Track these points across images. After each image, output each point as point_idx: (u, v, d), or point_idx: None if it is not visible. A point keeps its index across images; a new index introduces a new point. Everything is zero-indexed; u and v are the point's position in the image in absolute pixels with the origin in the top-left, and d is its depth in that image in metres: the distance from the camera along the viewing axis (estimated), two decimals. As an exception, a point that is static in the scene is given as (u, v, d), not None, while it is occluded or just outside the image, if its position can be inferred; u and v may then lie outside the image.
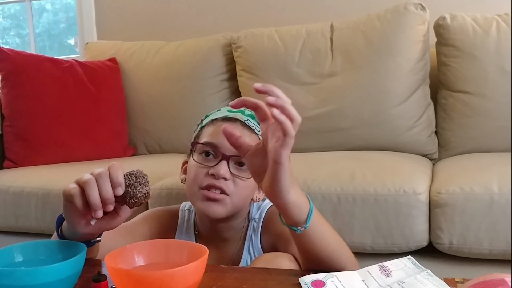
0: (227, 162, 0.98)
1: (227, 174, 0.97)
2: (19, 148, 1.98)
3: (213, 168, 0.98)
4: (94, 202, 0.72)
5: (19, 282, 0.67)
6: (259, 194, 1.06)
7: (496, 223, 1.27)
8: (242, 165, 0.99)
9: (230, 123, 1.01)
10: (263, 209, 1.09)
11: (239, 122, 1.02)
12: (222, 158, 0.98)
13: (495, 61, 1.73)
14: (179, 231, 1.11)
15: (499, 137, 1.71)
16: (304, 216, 0.76)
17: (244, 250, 1.05)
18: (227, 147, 0.97)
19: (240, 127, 1.01)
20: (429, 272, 0.74)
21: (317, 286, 0.73)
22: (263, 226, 1.06)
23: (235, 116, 1.03)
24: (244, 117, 1.03)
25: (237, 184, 0.99)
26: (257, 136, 1.02)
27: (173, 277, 0.66)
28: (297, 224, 0.76)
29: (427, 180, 1.41)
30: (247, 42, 2.02)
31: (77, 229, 0.78)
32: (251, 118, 1.04)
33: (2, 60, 2.00)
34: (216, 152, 0.99)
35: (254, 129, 1.02)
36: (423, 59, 1.84)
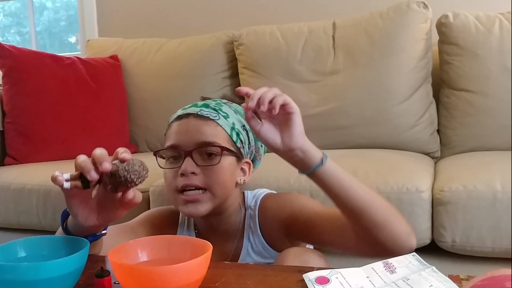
0: (191, 157, 0.97)
1: (194, 168, 0.97)
2: (20, 145, 1.98)
3: (180, 168, 0.97)
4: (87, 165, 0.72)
5: (22, 277, 0.67)
6: (244, 175, 1.05)
7: (499, 221, 1.26)
8: (210, 154, 0.98)
9: (183, 120, 1.01)
10: (258, 196, 1.08)
11: (191, 115, 1.02)
12: (185, 155, 0.97)
13: (498, 60, 1.72)
14: (180, 229, 1.11)
15: (501, 136, 1.71)
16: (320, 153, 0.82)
17: (244, 238, 1.05)
18: (186, 143, 0.98)
19: (193, 121, 1.01)
20: (434, 269, 0.74)
21: (321, 282, 0.73)
22: (260, 213, 1.05)
23: (187, 112, 1.03)
24: (196, 109, 1.03)
25: (210, 175, 0.98)
26: (213, 121, 1.01)
27: (176, 273, 0.66)
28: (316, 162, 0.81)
29: (429, 178, 1.41)
30: (249, 39, 2.01)
31: (81, 221, 0.78)
32: (204, 107, 1.03)
33: (3, 57, 2.00)
34: (178, 152, 0.99)
35: (208, 117, 1.01)
36: (426, 57, 1.83)
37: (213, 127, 1.00)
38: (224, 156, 0.98)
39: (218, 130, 1.00)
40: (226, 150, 0.99)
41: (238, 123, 1.04)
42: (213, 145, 0.98)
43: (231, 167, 1.01)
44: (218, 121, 1.01)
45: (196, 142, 0.98)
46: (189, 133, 0.99)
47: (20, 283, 0.67)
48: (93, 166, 0.72)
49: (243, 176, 1.05)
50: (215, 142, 0.98)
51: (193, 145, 0.98)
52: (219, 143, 0.98)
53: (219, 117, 1.01)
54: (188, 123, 1.01)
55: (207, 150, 0.98)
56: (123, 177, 0.73)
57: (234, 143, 1.02)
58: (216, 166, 0.97)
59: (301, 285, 0.74)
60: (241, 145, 1.03)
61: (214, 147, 0.98)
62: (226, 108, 1.05)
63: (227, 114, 1.03)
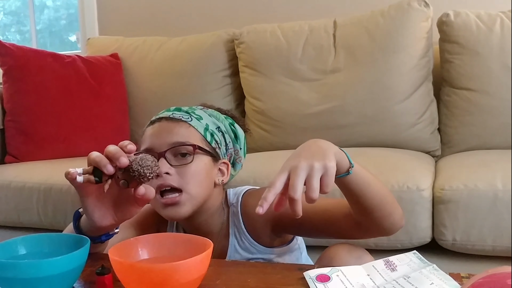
0: (164, 157, 0.97)
1: (167, 168, 0.96)
2: (20, 143, 1.98)
3: None
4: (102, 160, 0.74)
5: (22, 275, 0.67)
6: (222, 176, 1.05)
7: (500, 220, 1.26)
8: (184, 155, 0.98)
9: (156, 124, 1.02)
10: (239, 193, 1.07)
11: (163, 119, 1.02)
12: (159, 157, 0.97)
13: (499, 58, 1.72)
14: (169, 228, 1.10)
15: (502, 135, 1.71)
16: (347, 161, 0.81)
17: (230, 236, 1.04)
18: (159, 144, 0.98)
19: (165, 123, 1.01)
20: (434, 266, 0.74)
21: (322, 280, 0.73)
22: (243, 209, 1.04)
23: (159, 116, 1.04)
24: (169, 113, 1.03)
25: (184, 174, 0.97)
26: (185, 123, 1.01)
27: (177, 270, 0.66)
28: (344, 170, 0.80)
29: (430, 177, 1.41)
30: (249, 38, 2.01)
31: (97, 221, 0.79)
32: (176, 111, 1.04)
33: (4, 55, 2.00)
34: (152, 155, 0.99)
35: (180, 119, 1.01)
36: (426, 56, 1.83)
37: (184, 128, 1.00)
38: (198, 155, 0.98)
39: (190, 131, 1.00)
40: (198, 149, 0.99)
41: (212, 125, 1.04)
42: (186, 144, 0.98)
43: (206, 167, 1.00)
44: (191, 122, 1.01)
45: (169, 143, 0.98)
46: (162, 135, 0.99)
47: (20, 281, 0.67)
48: (108, 160, 0.74)
49: (221, 176, 1.05)
50: (187, 142, 0.98)
51: (166, 146, 0.98)
52: (191, 142, 0.99)
53: (191, 118, 1.02)
54: (160, 126, 1.01)
55: (180, 150, 0.98)
56: (137, 172, 0.74)
57: (209, 143, 1.02)
58: (190, 165, 0.97)
59: (302, 283, 0.74)
60: (217, 146, 1.03)
61: (186, 146, 0.98)
62: (199, 111, 1.05)
63: (200, 116, 1.04)
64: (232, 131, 1.07)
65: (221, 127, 1.05)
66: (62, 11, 3.38)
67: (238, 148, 1.09)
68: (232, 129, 1.07)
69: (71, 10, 3.25)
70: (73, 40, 3.30)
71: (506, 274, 0.49)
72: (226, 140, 1.05)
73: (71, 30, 3.32)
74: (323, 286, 0.71)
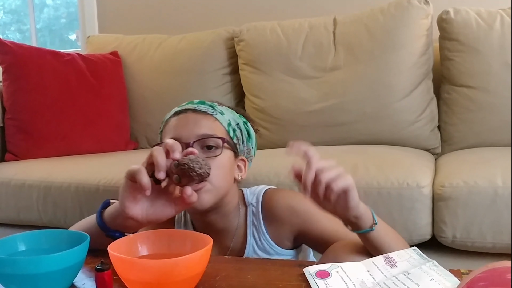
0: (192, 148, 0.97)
1: None
2: (20, 141, 1.98)
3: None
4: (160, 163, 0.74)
5: (22, 271, 0.67)
6: (240, 172, 1.05)
7: (499, 217, 1.26)
8: (210, 147, 0.98)
9: (180, 115, 1.02)
10: (258, 193, 1.08)
11: (189, 111, 1.02)
12: (186, 147, 0.95)
13: (499, 56, 1.72)
14: (177, 225, 1.10)
15: (502, 132, 1.70)
16: (371, 217, 0.82)
17: (248, 236, 1.04)
18: (186, 135, 0.98)
19: (192, 115, 1.01)
20: (434, 262, 0.74)
21: (321, 276, 0.73)
22: (265, 210, 1.05)
23: (185, 107, 1.03)
24: (193, 105, 1.03)
25: (211, 166, 0.96)
26: (211, 116, 1.01)
27: (176, 266, 0.66)
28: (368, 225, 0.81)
29: (430, 174, 1.40)
30: (249, 35, 2.01)
31: (128, 210, 0.78)
32: (201, 104, 1.04)
33: (3, 53, 1.99)
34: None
35: (206, 112, 1.02)
36: (426, 54, 1.83)
37: (211, 121, 1.01)
38: (224, 149, 0.99)
39: (216, 125, 1.01)
40: (226, 143, 0.99)
41: (233, 121, 1.05)
42: (215, 137, 0.98)
43: (230, 161, 1.01)
44: (216, 116, 1.02)
45: (197, 134, 0.98)
46: (189, 126, 0.99)
47: (20, 277, 0.67)
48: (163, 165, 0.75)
49: (239, 172, 1.05)
50: (215, 135, 0.98)
51: (193, 137, 0.98)
52: (218, 135, 0.99)
53: (216, 112, 1.02)
54: (187, 117, 1.01)
55: (208, 142, 0.98)
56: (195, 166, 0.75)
57: (231, 138, 1.02)
58: (217, 158, 0.97)
59: (302, 279, 0.74)
60: (237, 142, 1.04)
61: (215, 138, 0.98)
62: (220, 107, 1.06)
63: (223, 111, 1.04)
64: (246, 130, 1.08)
65: (240, 124, 1.06)
66: (62, 9, 3.38)
67: (250, 147, 1.09)
68: (246, 127, 1.08)
69: (71, 8, 3.25)
70: (73, 39, 3.30)
71: (506, 269, 0.49)
72: (243, 137, 1.06)
73: (71, 29, 3.32)
74: (322, 282, 0.71)
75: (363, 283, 0.71)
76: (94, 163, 1.77)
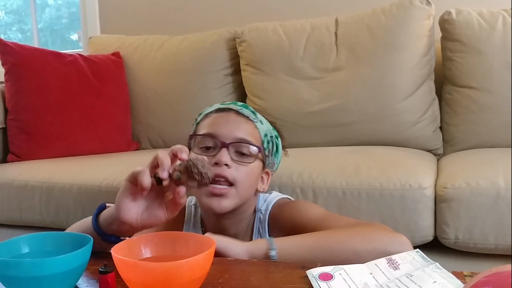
0: (227, 149, 0.97)
1: (229, 160, 0.96)
2: (23, 142, 1.98)
3: (214, 156, 0.97)
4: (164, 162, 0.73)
5: (25, 273, 0.67)
6: (263, 184, 1.06)
7: (502, 218, 1.26)
8: (242, 153, 0.98)
9: (224, 113, 1.02)
10: (269, 201, 1.08)
11: (232, 111, 1.02)
12: (222, 146, 0.97)
13: (501, 56, 1.72)
14: (186, 226, 1.10)
15: (504, 133, 1.70)
16: (264, 251, 0.85)
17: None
18: (225, 135, 0.98)
19: (235, 116, 1.01)
20: (437, 265, 0.74)
21: (324, 278, 0.73)
22: (271, 220, 1.05)
23: (228, 106, 1.03)
24: (237, 107, 1.03)
25: (240, 171, 0.98)
26: (252, 123, 1.01)
27: (179, 269, 0.66)
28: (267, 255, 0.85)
29: (432, 175, 1.40)
30: (251, 36, 2.01)
31: (123, 214, 0.77)
32: (244, 107, 1.04)
33: (6, 54, 2.00)
34: (215, 141, 0.99)
35: (248, 117, 1.02)
36: (428, 54, 1.83)
37: (251, 128, 1.02)
38: (256, 158, 1.00)
39: (254, 132, 1.02)
40: (260, 153, 1.00)
41: (268, 132, 1.06)
42: (252, 144, 0.99)
43: (257, 171, 1.02)
44: (256, 123, 1.03)
45: (235, 136, 0.98)
46: (229, 126, 0.99)
47: (23, 279, 0.67)
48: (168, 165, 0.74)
49: (261, 184, 1.06)
50: (252, 142, 0.99)
51: (231, 138, 0.98)
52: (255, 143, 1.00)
53: (257, 120, 1.03)
54: (228, 116, 1.01)
55: (243, 147, 0.98)
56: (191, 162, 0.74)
57: (264, 150, 1.03)
58: (249, 165, 0.98)
59: (305, 281, 0.73)
60: (268, 154, 1.05)
61: (253, 146, 0.99)
62: (259, 116, 1.06)
63: (262, 120, 1.05)
64: (276, 144, 1.08)
65: (272, 136, 1.06)
66: (63, 9, 3.38)
67: (275, 162, 1.10)
68: (276, 142, 1.08)
69: (73, 8, 3.25)
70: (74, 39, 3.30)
71: (509, 273, 0.49)
72: (273, 150, 1.07)
73: (72, 29, 3.32)
74: (325, 285, 0.71)
75: (366, 285, 0.71)
76: (96, 164, 1.77)
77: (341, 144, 1.83)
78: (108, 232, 0.83)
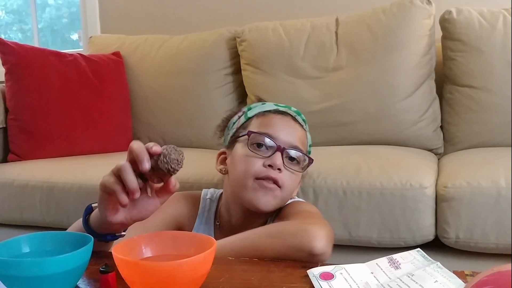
0: (282, 153, 0.99)
1: (282, 165, 0.99)
2: (23, 142, 1.98)
3: (269, 158, 0.98)
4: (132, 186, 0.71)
5: (25, 273, 0.67)
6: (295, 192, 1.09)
7: (503, 217, 1.26)
8: (292, 159, 1.01)
9: (283, 116, 1.05)
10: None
11: (290, 116, 1.06)
12: (278, 150, 0.99)
13: (502, 56, 1.71)
14: (198, 220, 1.10)
15: (505, 132, 1.70)
16: None
17: None
18: (282, 139, 1.00)
19: (292, 121, 1.05)
20: (438, 264, 0.74)
21: (325, 278, 0.73)
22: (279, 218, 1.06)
23: (285, 110, 1.07)
24: (292, 112, 1.07)
25: (289, 177, 1.01)
26: (304, 131, 1.06)
27: (180, 268, 0.66)
28: None
29: (433, 174, 1.40)
30: (251, 36, 2.01)
31: (110, 219, 0.77)
32: (297, 114, 1.08)
33: (6, 53, 2.00)
34: (272, 143, 1.00)
35: (302, 125, 1.07)
36: (429, 54, 1.83)
37: (304, 136, 1.06)
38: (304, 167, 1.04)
39: (304, 141, 1.06)
40: (310, 162, 1.03)
41: (310, 140, 1.12)
42: (305, 154, 1.03)
43: (299, 179, 1.06)
44: (307, 133, 1.08)
45: (291, 143, 1.01)
46: (288, 131, 1.02)
47: (23, 279, 0.67)
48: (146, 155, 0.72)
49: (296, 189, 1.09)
50: (305, 151, 1.03)
51: (287, 143, 1.00)
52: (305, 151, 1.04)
53: (307, 129, 1.08)
54: (288, 121, 1.05)
55: (296, 154, 1.01)
56: (165, 169, 0.72)
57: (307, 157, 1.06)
58: (297, 173, 1.02)
59: (305, 280, 0.73)
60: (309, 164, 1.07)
61: (306, 156, 1.03)
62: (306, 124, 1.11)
63: (308, 129, 1.10)
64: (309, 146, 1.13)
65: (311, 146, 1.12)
66: (63, 9, 3.38)
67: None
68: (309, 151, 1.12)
69: (73, 8, 3.25)
70: (74, 39, 3.30)
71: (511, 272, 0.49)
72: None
73: (72, 29, 3.32)
74: (326, 284, 0.71)
75: (367, 285, 0.71)
76: (97, 164, 1.77)
77: (342, 143, 1.83)
78: (102, 232, 0.82)
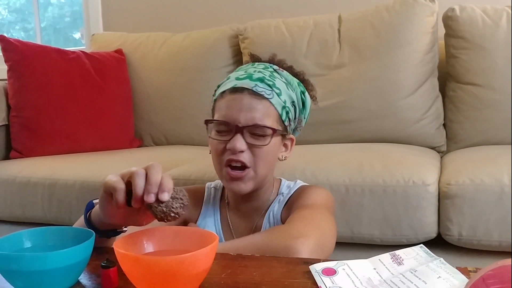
0: (241, 134, 0.98)
1: (243, 146, 0.98)
2: (25, 139, 1.98)
3: (229, 143, 0.98)
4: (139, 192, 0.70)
5: (27, 268, 0.67)
6: (286, 151, 1.08)
7: (506, 215, 1.26)
8: (257, 135, 0.99)
9: (238, 94, 1.00)
10: (293, 187, 1.10)
11: (246, 91, 1.00)
12: (236, 131, 0.98)
13: (505, 53, 1.71)
14: (205, 206, 1.13)
15: (508, 130, 1.70)
16: None
17: (265, 218, 1.07)
18: (238, 119, 0.98)
19: (247, 97, 0.99)
20: (442, 260, 0.73)
21: (328, 273, 0.72)
22: (288, 202, 1.07)
23: (242, 85, 1.00)
24: (251, 83, 1.00)
25: (257, 154, 0.99)
26: (267, 100, 0.99)
27: (182, 263, 0.65)
28: None
29: (436, 172, 1.40)
30: (254, 33, 2.00)
31: (109, 219, 0.78)
32: (259, 82, 1.01)
33: (9, 51, 2.00)
34: (229, 127, 0.99)
35: (263, 95, 0.99)
36: (432, 51, 1.82)
37: (266, 107, 1.00)
38: (272, 138, 1.00)
39: (270, 110, 1.00)
40: (275, 132, 1.00)
41: (288, 100, 1.03)
42: (265, 127, 0.99)
43: (276, 146, 1.03)
44: (272, 100, 1.00)
45: (248, 121, 0.98)
46: (242, 111, 0.99)
47: (25, 273, 0.67)
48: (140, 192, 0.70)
49: (285, 151, 1.08)
50: (266, 124, 0.99)
51: (245, 121, 0.98)
52: (270, 125, 0.99)
53: (272, 95, 1.00)
54: (242, 99, 0.99)
55: (257, 131, 0.99)
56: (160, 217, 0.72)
57: (283, 121, 1.03)
58: (265, 146, 0.99)
59: (308, 276, 0.73)
60: (288, 123, 1.04)
61: (266, 128, 0.99)
62: (279, 82, 1.03)
63: (280, 91, 1.02)
64: (302, 100, 1.07)
65: (294, 100, 1.05)
66: (66, 8, 3.38)
67: (302, 117, 1.10)
68: (302, 98, 1.07)
69: (75, 7, 3.25)
70: (77, 37, 3.30)
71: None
72: (296, 113, 1.06)
73: (75, 27, 3.32)
74: (329, 280, 0.71)
75: (369, 280, 0.71)
76: (99, 161, 1.77)
77: (344, 141, 1.83)
78: (103, 229, 0.82)
